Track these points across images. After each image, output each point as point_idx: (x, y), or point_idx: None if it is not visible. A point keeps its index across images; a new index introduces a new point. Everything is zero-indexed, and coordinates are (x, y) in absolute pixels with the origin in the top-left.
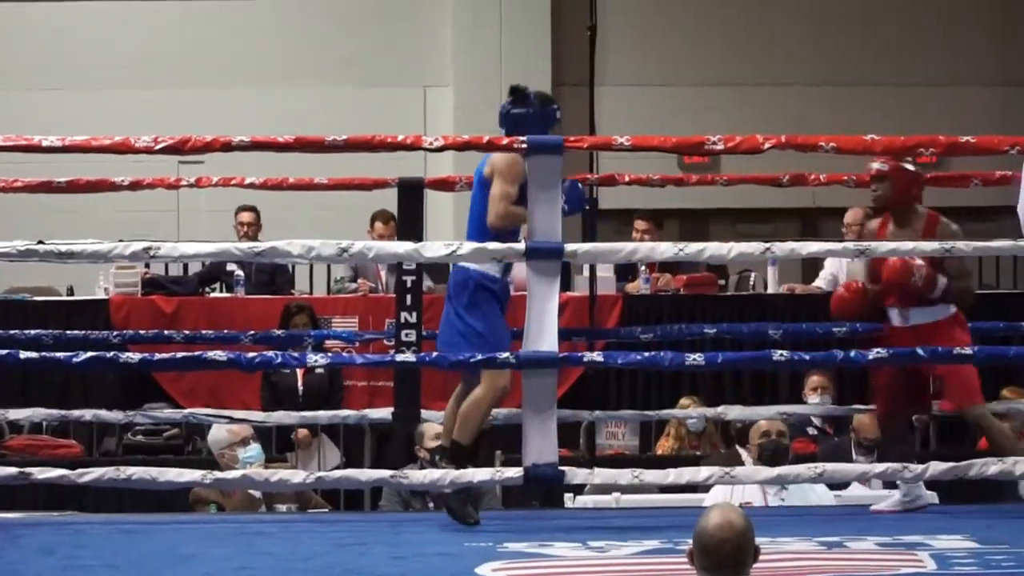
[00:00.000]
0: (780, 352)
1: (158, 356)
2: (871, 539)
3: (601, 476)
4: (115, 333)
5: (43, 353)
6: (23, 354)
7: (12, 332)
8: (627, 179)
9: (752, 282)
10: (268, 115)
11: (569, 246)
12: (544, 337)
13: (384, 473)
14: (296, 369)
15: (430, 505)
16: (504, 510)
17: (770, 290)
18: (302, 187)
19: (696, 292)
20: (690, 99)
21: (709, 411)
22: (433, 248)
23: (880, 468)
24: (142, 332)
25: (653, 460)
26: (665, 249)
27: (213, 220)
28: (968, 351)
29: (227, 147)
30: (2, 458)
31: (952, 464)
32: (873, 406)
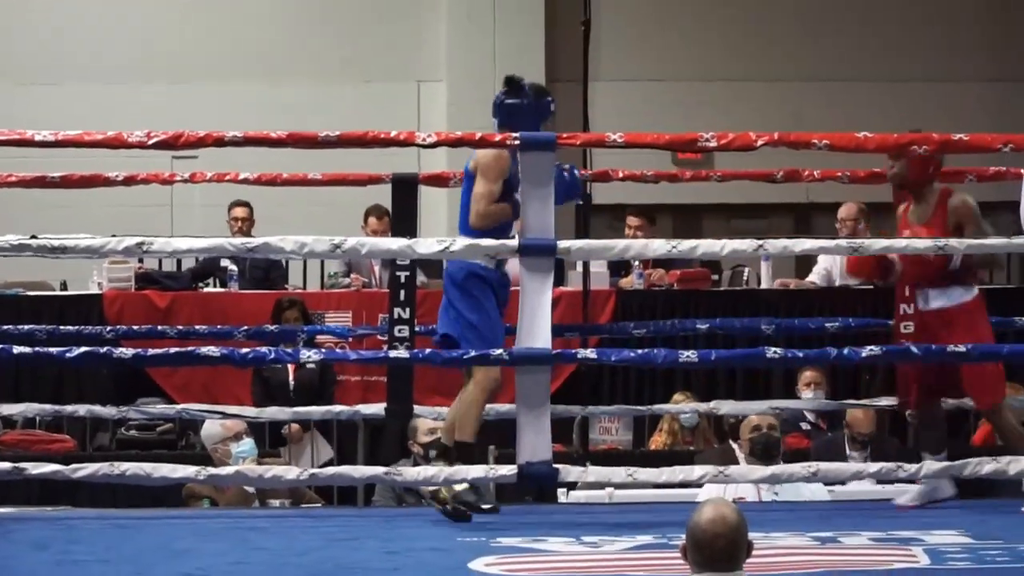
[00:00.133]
0: (773, 349)
1: (151, 351)
2: (865, 534)
3: (595, 474)
4: (108, 328)
5: (36, 348)
6: (16, 349)
7: (5, 327)
8: (620, 175)
9: (746, 277)
10: (262, 111)
11: (562, 243)
12: (537, 333)
13: (378, 470)
14: (288, 364)
15: (423, 500)
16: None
17: (763, 285)
18: (296, 183)
19: (689, 287)
20: (684, 95)
21: (702, 406)
22: (426, 244)
23: (874, 468)
24: (135, 327)
25: (647, 456)
26: (658, 246)
27: (207, 215)
28: (961, 349)
29: (220, 142)
30: None
31: (946, 463)
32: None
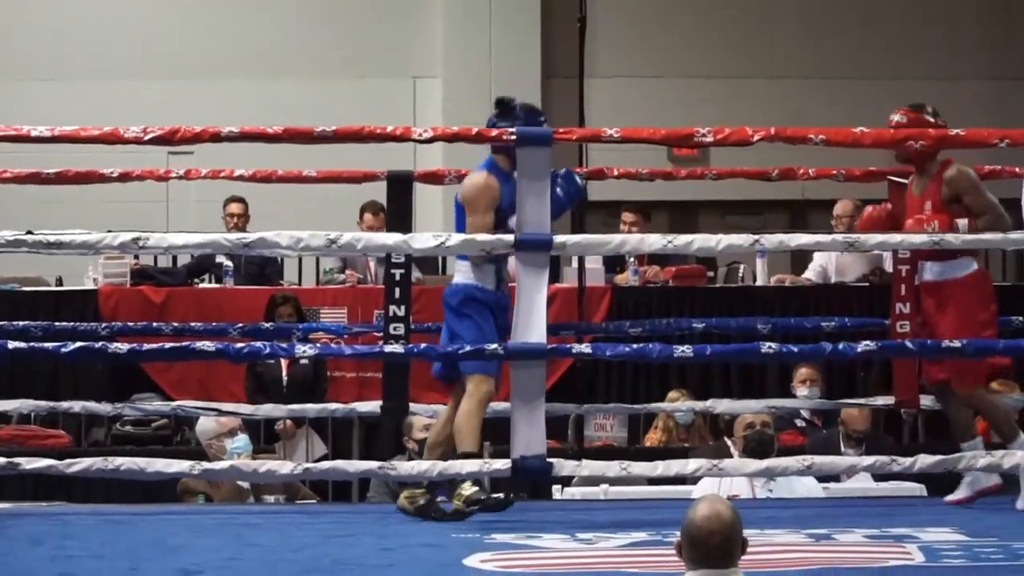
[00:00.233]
0: (768, 345)
1: (147, 347)
2: (859, 531)
3: (589, 468)
4: (104, 324)
5: (32, 344)
6: (12, 344)
7: (1, 323)
8: (616, 172)
9: (741, 274)
10: (258, 107)
11: (558, 238)
12: (532, 329)
13: (372, 464)
14: (281, 360)
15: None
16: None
17: (759, 282)
18: (291, 179)
19: (685, 284)
20: (681, 91)
21: (697, 404)
22: (422, 240)
23: (868, 461)
24: (131, 323)
25: (641, 452)
26: (654, 241)
27: (202, 211)
28: (957, 344)
29: (216, 138)
30: None
31: (941, 457)
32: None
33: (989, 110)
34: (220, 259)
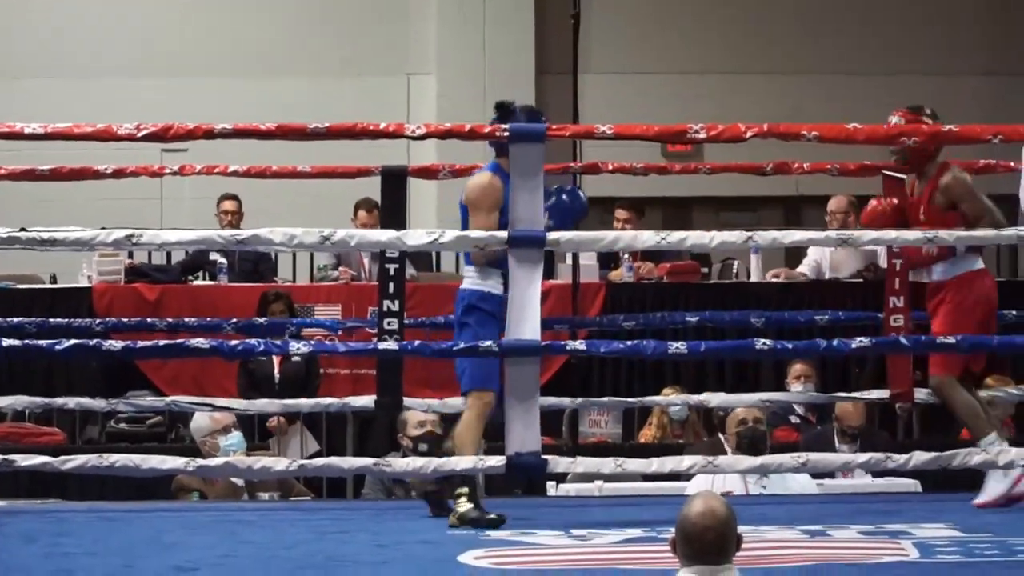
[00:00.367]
0: (763, 341)
1: (141, 344)
2: (854, 528)
3: (584, 465)
4: (98, 321)
5: (26, 341)
6: (6, 342)
7: None
8: (610, 167)
9: (735, 270)
10: (253, 105)
11: (551, 235)
12: (526, 325)
13: (367, 461)
14: (273, 356)
15: (412, 493)
16: (487, 498)
17: (753, 278)
18: (285, 175)
19: (679, 280)
20: (675, 87)
21: (692, 398)
22: (416, 236)
23: (863, 458)
24: (125, 320)
25: (636, 448)
26: (648, 237)
27: (196, 208)
28: (951, 340)
29: (210, 135)
30: None
31: (935, 454)
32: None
33: (986, 106)
34: (214, 256)
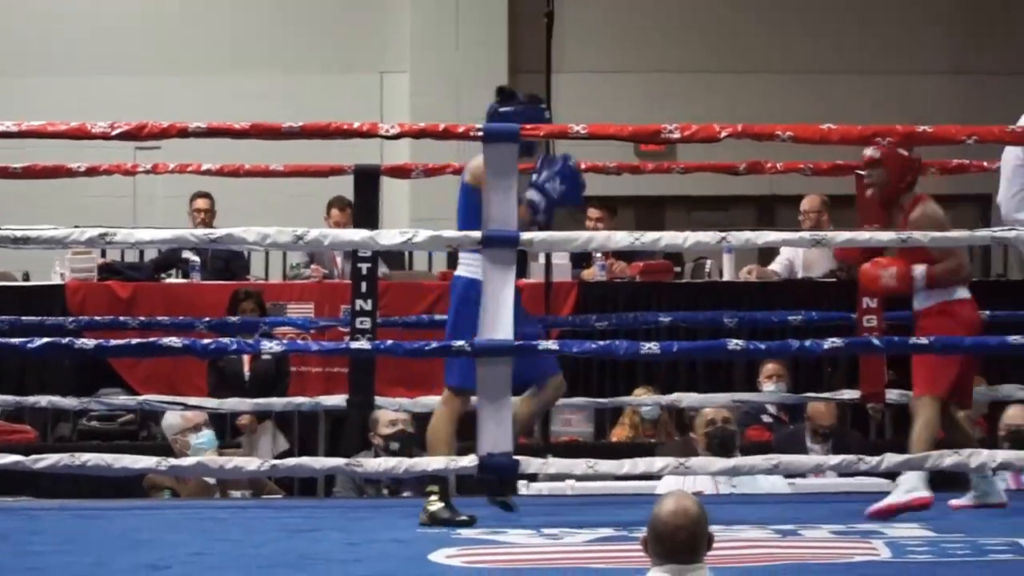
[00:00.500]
0: (735, 341)
1: (113, 342)
2: (826, 527)
3: (556, 466)
4: (71, 319)
5: None
6: None
7: None
8: (583, 167)
9: (708, 270)
10: (225, 102)
11: (524, 234)
12: (499, 325)
13: (338, 461)
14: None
15: (384, 491)
16: (458, 497)
17: (726, 277)
18: (258, 174)
19: (652, 279)
20: (648, 86)
21: (663, 398)
22: (388, 235)
23: (835, 460)
24: (98, 318)
25: (608, 448)
26: (621, 238)
27: (169, 207)
28: (924, 341)
29: (183, 133)
30: None
31: (908, 456)
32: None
33: (957, 105)
34: (187, 254)
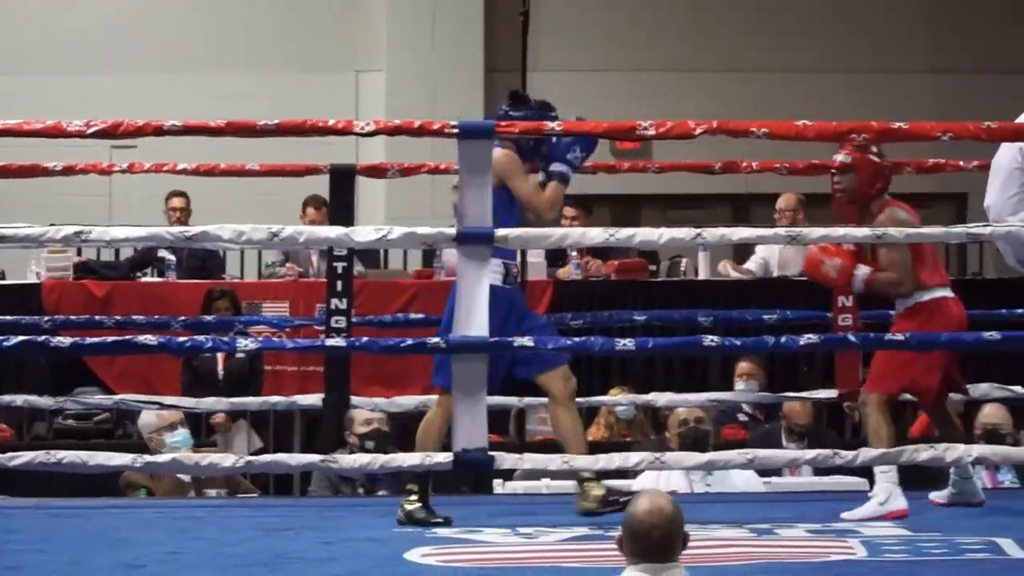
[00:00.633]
0: (710, 338)
1: (89, 340)
2: (801, 526)
3: (531, 461)
4: (46, 318)
5: None
6: None
7: None
8: None
9: (683, 268)
10: (200, 100)
11: (499, 231)
12: (474, 322)
13: (314, 458)
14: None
15: (359, 490)
16: (433, 495)
17: (701, 276)
18: (234, 173)
19: (627, 278)
20: (623, 85)
21: (639, 397)
22: (363, 232)
23: (810, 455)
24: (73, 317)
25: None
26: (596, 235)
27: (145, 206)
28: (899, 337)
29: (159, 132)
30: None
31: (883, 451)
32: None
33: (935, 104)
34: (162, 253)
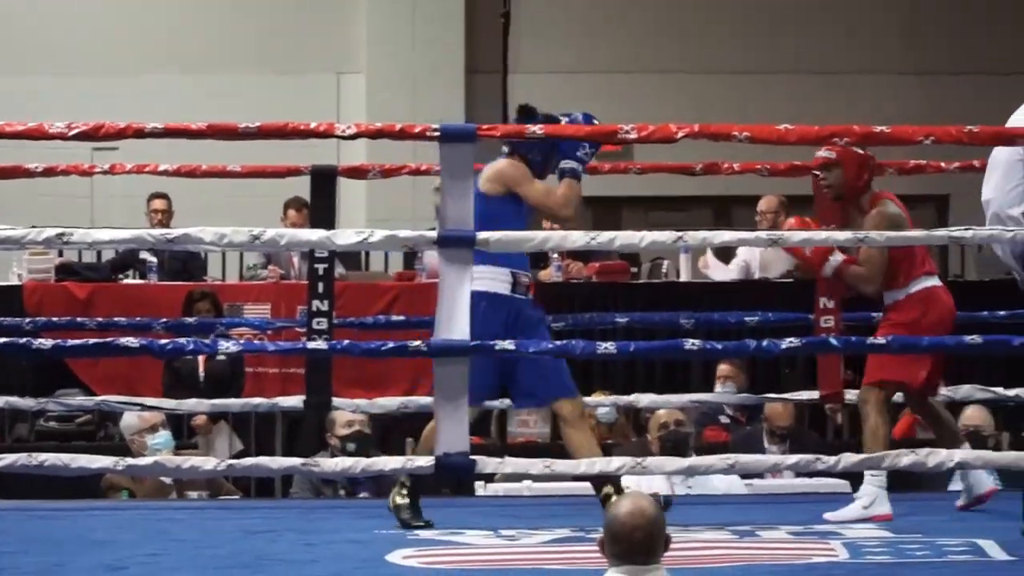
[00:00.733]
0: (692, 340)
1: (71, 342)
2: (783, 528)
3: (512, 465)
4: (28, 319)
5: None
6: None
7: None
8: None
9: (665, 270)
10: (181, 102)
11: (480, 234)
12: (455, 325)
13: (295, 461)
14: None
15: (341, 492)
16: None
17: (683, 278)
18: (215, 175)
19: (608, 280)
20: (604, 87)
21: (621, 399)
22: (345, 235)
23: (792, 459)
24: (55, 319)
25: (565, 449)
26: (577, 238)
27: (127, 208)
28: (881, 340)
29: (140, 133)
30: None
31: (865, 455)
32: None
33: (925, 107)
34: (144, 255)
